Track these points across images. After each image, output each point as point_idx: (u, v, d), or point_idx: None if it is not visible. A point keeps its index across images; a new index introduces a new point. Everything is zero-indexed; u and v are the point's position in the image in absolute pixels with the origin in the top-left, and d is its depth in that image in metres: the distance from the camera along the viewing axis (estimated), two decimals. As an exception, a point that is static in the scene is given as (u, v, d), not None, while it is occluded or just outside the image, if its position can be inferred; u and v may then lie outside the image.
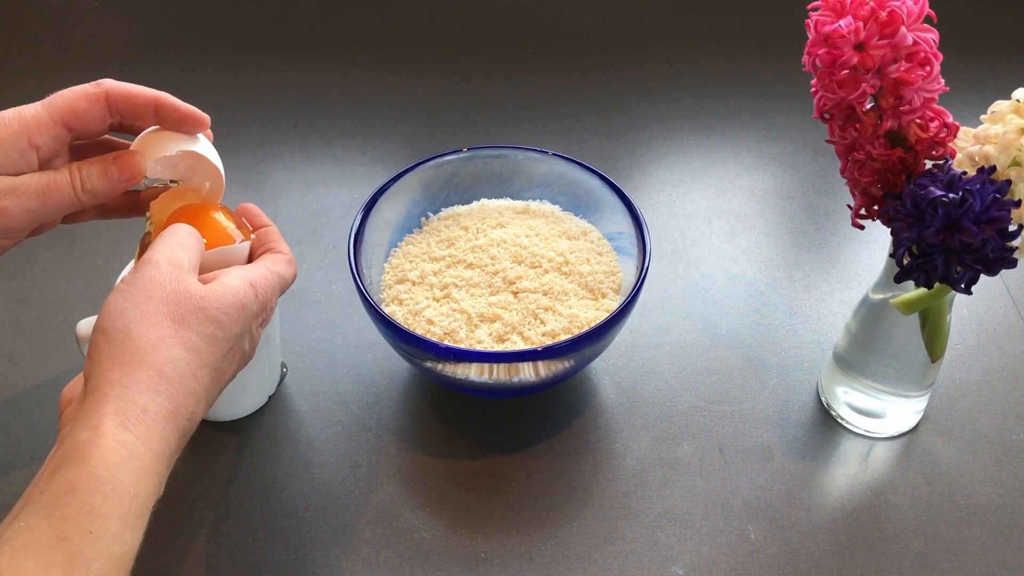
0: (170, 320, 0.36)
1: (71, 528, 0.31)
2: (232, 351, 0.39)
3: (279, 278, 0.43)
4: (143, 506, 0.33)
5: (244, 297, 0.40)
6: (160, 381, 0.34)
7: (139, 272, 0.38)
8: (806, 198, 0.71)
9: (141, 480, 0.33)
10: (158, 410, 0.34)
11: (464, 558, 0.48)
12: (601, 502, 0.51)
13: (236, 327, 0.39)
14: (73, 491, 0.31)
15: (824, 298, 0.63)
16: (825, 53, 0.38)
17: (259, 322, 0.42)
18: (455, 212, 0.60)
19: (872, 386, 0.52)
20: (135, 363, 0.34)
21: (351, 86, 0.82)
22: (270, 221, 0.48)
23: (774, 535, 0.49)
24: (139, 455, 0.33)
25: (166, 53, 0.85)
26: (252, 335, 0.41)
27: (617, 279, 0.55)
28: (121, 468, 0.32)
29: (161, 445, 0.34)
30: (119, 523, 0.32)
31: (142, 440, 0.33)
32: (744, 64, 0.84)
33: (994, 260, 0.38)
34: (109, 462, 0.32)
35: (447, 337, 0.51)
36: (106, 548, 0.31)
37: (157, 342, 0.35)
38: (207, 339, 0.37)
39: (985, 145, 0.40)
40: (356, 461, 0.53)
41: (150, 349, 0.35)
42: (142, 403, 0.34)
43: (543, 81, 0.83)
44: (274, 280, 0.43)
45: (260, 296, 0.41)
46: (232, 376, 0.41)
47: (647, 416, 0.55)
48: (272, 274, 0.43)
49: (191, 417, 0.36)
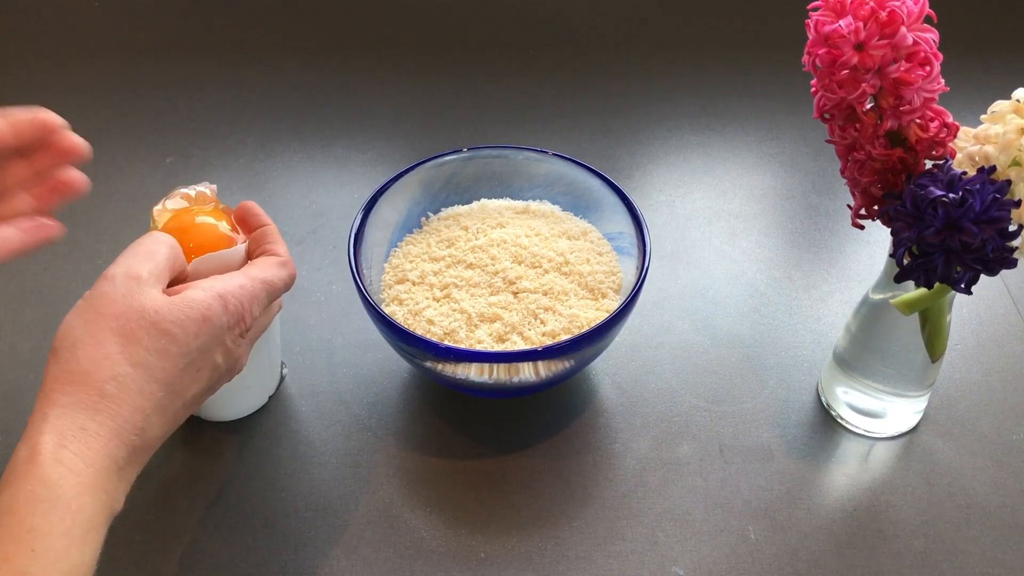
0: (117, 336, 0.36)
1: (14, 548, 0.31)
2: (193, 364, 0.38)
3: (263, 284, 0.42)
4: (90, 521, 0.33)
5: (207, 310, 0.38)
6: (100, 399, 0.34)
7: (95, 287, 0.37)
8: (806, 198, 0.71)
9: (84, 495, 0.33)
10: (98, 428, 0.34)
11: (464, 558, 0.48)
12: (601, 502, 0.51)
13: (196, 340, 0.38)
14: (12, 511, 0.32)
15: (824, 298, 0.63)
16: (825, 53, 0.38)
17: (235, 334, 0.40)
18: (455, 212, 0.60)
19: (872, 386, 0.52)
20: (76, 382, 0.35)
21: (351, 86, 0.82)
22: (269, 220, 0.47)
23: (774, 535, 0.49)
24: (79, 472, 0.33)
25: (166, 53, 0.85)
26: (227, 347, 0.40)
27: (617, 279, 0.55)
28: (59, 485, 0.32)
29: (106, 461, 0.34)
30: (62, 540, 0.32)
31: (81, 457, 0.33)
32: (744, 64, 0.84)
33: (994, 260, 0.38)
34: (47, 480, 0.32)
35: (447, 337, 0.51)
36: (51, 565, 0.31)
37: (101, 359, 0.35)
38: (157, 354, 0.36)
39: (985, 145, 0.39)
40: (356, 461, 0.53)
41: (93, 368, 0.35)
42: (80, 422, 0.34)
43: (543, 81, 0.83)
44: (254, 287, 0.41)
45: (232, 307, 0.40)
46: (203, 391, 0.40)
47: (647, 416, 0.55)
48: (253, 281, 0.41)
49: (140, 432, 0.36)
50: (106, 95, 0.80)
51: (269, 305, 0.44)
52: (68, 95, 0.81)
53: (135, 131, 0.77)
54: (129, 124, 0.78)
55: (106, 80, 0.82)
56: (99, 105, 0.79)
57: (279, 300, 0.47)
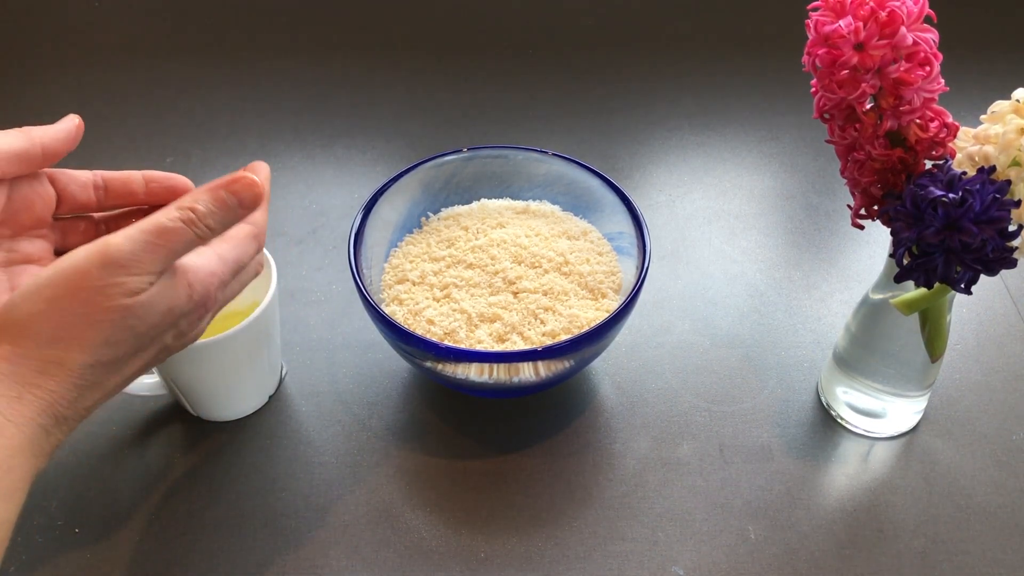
0: (81, 320, 0.36)
1: None
2: (143, 348, 0.38)
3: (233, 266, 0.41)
4: (18, 481, 0.35)
5: (173, 300, 0.38)
6: (41, 376, 0.35)
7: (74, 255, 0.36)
8: (806, 198, 0.71)
9: (14, 458, 0.34)
10: (32, 399, 0.35)
11: (464, 558, 0.48)
12: (601, 502, 0.51)
13: (154, 331, 0.38)
14: None
15: (824, 298, 0.63)
16: (825, 53, 0.38)
17: (194, 318, 0.40)
18: (455, 212, 0.60)
19: (872, 386, 0.52)
20: (22, 356, 0.35)
21: (351, 86, 0.82)
22: None
23: (774, 535, 0.49)
24: (10, 435, 0.34)
25: (166, 53, 0.85)
26: (180, 330, 0.39)
27: (617, 279, 0.55)
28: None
29: (35, 428, 0.35)
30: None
31: (14, 422, 0.34)
32: (744, 64, 0.84)
33: (994, 260, 0.38)
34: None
35: (447, 337, 0.51)
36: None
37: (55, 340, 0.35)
38: (113, 344, 0.36)
39: (985, 145, 0.39)
40: (356, 461, 0.53)
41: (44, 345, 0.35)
42: (16, 391, 0.35)
43: (543, 81, 0.83)
44: (223, 273, 0.40)
45: (197, 296, 0.39)
46: (144, 367, 0.39)
47: (647, 416, 0.55)
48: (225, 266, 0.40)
49: (72, 404, 0.36)
50: (106, 95, 0.80)
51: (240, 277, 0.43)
52: (68, 95, 0.81)
53: (135, 131, 0.77)
54: (129, 124, 0.78)
55: (106, 80, 0.82)
56: (99, 105, 0.79)
57: (256, 267, 0.45)
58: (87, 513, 0.50)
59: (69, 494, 0.51)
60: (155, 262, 0.36)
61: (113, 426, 0.54)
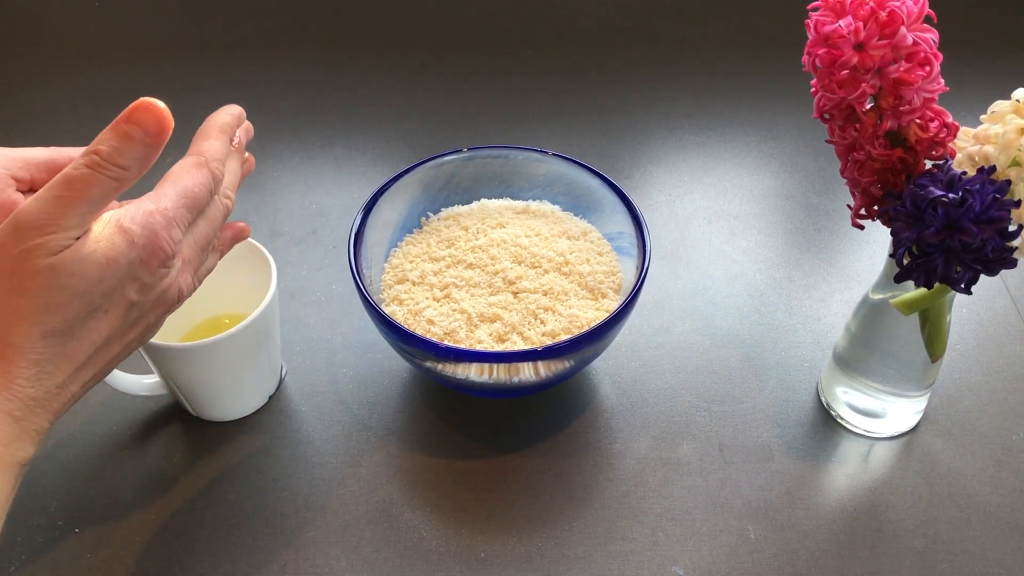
0: (5, 291, 0.34)
1: None
2: (100, 309, 0.36)
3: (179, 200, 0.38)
4: None
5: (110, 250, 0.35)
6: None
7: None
8: (806, 198, 0.71)
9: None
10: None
11: (464, 558, 0.48)
12: (601, 502, 0.51)
13: (100, 286, 0.35)
14: None
15: (824, 298, 0.63)
16: (825, 53, 0.38)
17: (153, 266, 0.37)
18: (455, 212, 0.60)
19: (872, 386, 0.52)
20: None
21: (351, 86, 0.82)
22: None
23: (774, 535, 0.49)
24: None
25: (166, 53, 0.85)
26: (144, 283, 0.37)
27: (617, 279, 0.55)
28: None
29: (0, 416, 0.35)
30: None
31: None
32: (744, 64, 0.84)
33: (994, 260, 0.38)
34: None
35: (447, 337, 0.51)
36: None
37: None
38: (53, 308, 0.34)
39: (985, 145, 0.39)
40: (356, 461, 0.53)
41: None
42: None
43: (543, 81, 0.83)
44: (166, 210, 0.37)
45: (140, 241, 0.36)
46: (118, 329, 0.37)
47: (647, 416, 0.55)
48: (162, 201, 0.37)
49: (36, 382, 0.35)
50: (106, 95, 0.80)
51: (205, 215, 0.40)
52: (68, 95, 0.81)
53: (135, 131, 0.77)
54: (129, 124, 0.78)
55: (106, 80, 0.82)
56: (99, 105, 0.79)
57: (224, 202, 0.42)
58: (87, 513, 0.50)
59: (69, 494, 0.51)
60: (71, 216, 0.34)
61: (113, 426, 0.54)
